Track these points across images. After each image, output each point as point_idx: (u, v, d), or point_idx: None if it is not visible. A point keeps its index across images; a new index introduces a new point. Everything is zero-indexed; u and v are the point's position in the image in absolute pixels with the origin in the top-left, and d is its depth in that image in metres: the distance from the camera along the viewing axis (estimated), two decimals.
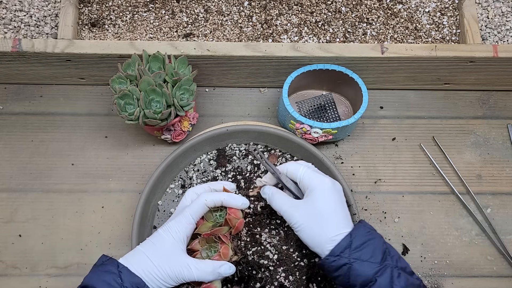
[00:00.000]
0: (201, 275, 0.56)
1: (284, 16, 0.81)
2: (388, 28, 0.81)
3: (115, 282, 0.53)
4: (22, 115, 0.80)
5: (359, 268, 0.54)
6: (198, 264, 0.57)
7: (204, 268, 0.56)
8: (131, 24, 0.80)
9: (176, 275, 0.56)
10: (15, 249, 0.73)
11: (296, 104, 0.80)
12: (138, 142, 0.79)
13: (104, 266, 0.55)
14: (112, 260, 0.56)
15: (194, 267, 0.56)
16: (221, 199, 0.60)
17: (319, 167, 0.74)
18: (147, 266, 0.55)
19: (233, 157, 0.76)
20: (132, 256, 0.57)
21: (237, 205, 0.61)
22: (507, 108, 0.82)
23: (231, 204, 0.61)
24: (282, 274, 0.65)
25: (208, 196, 0.60)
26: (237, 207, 0.61)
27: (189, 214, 0.59)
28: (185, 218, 0.59)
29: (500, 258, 0.75)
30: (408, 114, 0.82)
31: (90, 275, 0.55)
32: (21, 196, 0.76)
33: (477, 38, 0.77)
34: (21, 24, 0.78)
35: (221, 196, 0.60)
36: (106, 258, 0.57)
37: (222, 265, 0.57)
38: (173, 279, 0.56)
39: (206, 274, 0.56)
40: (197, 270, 0.56)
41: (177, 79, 0.69)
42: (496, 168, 0.79)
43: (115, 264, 0.55)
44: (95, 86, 0.82)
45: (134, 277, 0.54)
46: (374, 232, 0.58)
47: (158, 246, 0.57)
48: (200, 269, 0.56)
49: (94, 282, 0.53)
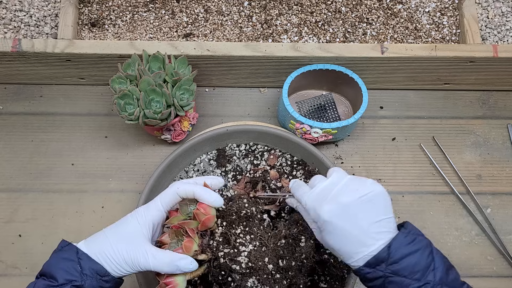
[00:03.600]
0: (157, 265, 0.53)
1: (284, 16, 0.81)
2: (388, 28, 0.81)
3: (74, 269, 0.51)
4: (22, 115, 0.80)
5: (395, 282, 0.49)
6: (157, 253, 0.53)
7: (161, 258, 0.53)
8: (131, 24, 0.80)
9: (132, 261, 0.53)
10: (15, 249, 0.73)
11: (296, 104, 0.80)
12: (138, 142, 0.79)
13: (63, 252, 0.53)
14: (71, 246, 0.53)
15: (151, 255, 0.53)
16: (193, 190, 0.56)
17: (319, 167, 0.74)
18: (105, 249, 0.53)
19: (233, 157, 0.76)
20: (93, 239, 0.54)
21: (208, 201, 0.57)
22: (507, 108, 0.82)
23: (203, 198, 0.56)
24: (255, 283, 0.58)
25: (181, 185, 0.57)
26: (208, 203, 0.57)
27: (159, 201, 0.56)
28: (154, 204, 0.56)
29: (500, 258, 0.75)
30: (408, 114, 0.82)
31: (49, 261, 0.53)
32: (21, 196, 0.76)
33: (477, 38, 0.77)
34: (21, 24, 0.78)
35: (194, 188, 0.56)
36: (66, 243, 0.54)
37: (182, 259, 0.54)
38: (129, 264, 0.53)
39: (162, 264, 0.53)
40: (154, 259, 0.53)
41: (177, 79, 0.69)
42: (496, 168, 0.79)
43: (74, 251, 0.52)
44: (95, 86, 0.82)
45: (94, 263, 0.52)
46: (418, 241, 0.50)
47: (121, 229, 0.55)
48: (157, 258, 0.53)
49: (52, 270, 0.51)
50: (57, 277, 0.50)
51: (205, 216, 0.56)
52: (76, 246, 0.53)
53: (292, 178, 0.74)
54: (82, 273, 0.51)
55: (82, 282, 0.51)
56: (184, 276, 0.55)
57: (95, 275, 0.51)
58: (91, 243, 0.54)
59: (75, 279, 0.50)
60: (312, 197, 0.54)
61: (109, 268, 0.53)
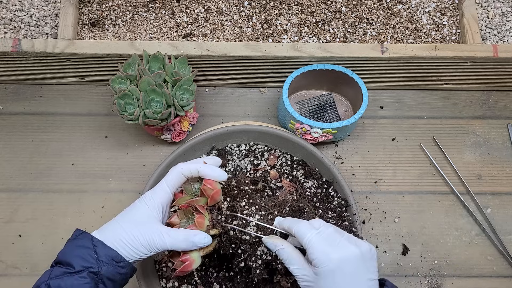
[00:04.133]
0: (173, 243, 0.54)
1: (284, 16, 0.81)
2: (388, 28, 0.81)
3: (90, 256, 0.51)
4: (22, 115, 0.80)
5: None
6: (171, 231, 0.55)
7: (176, 235, 0.54)
8: (131, 24, 0.80)
9: (148, 243, 0.54)
10: (15, 249, 0.73)
11: (296, 104, 0.80)
12: (138, 142, 0.79)
13: (78, 240, 0.53)
14: (86, 234, 0.54)
15: (166, 234, 0.54)
16: (197, 168, 0.58)
17: (319, 167, 0.74)
18: (120, 235, 0.54)
19: (233, 157, 0.76)
20: (106, 227, 0.55)
21: (214, 176, 0.58)
22: (507, 108, 0.82)
23: (208, 174, 0.58)
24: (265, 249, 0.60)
25: (184, 165, 0.58)
26: (214, 178, 0.58)
27: (164, 182, 0.57)
28: (160, 187, 0.57)
29: (500, 258, 0.75)
30: (408, 114, 0.82)
31: (64, 250, 0.53)
32: (21, 196, 0.76)
33: (477, 38, 0.77)
34: (21, 24, 0.78)
35: (197, 166, 0.58)
36: (80, 232, 0.55)
37: (196, 234, 0.55)
38: (146, 247, 0.54)
39: (178, 241, 0.54)
40: (169, 237, 0.54)
41: (177, 79, 0.69)
42: (496, 168, 0.79)
43: (89, 238, 0.53)
44: (95, 86, 0.82)
45: (109, 250, 0.52)
46: None
47: (131, 214, 0.56)
48: (173, 236, 0.54)
49: (68, 257, 0.52)
50: (74, 264, 0.51)
51: (212, 190, 0.58)
52: (90, 234, 0.54)
53: (292, 178, 0.74)
54: (98, 260, 0.52)
55: (98, 268, 0.51)
56: (198, 252, 0.57)
57: (111, 261, 0.52)
58: (105, 231, 0.55)
59: (91, 266, 0.51)
60: (323, 238, 0.51)
61: (126, 253, 0.53)
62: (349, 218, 0.71)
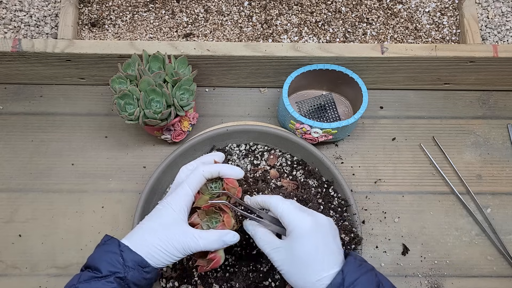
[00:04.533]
0: (207, 244, 0.56)
1: (284, 16, 0.81)
2: (388, 28, 0.81)
3: (117, 261, 0.53)
4: (22, 115, 0.80)
5: None
6: (203, 233, 0.57)
7: (209, 237, 0.56)
8: (131, 24, 0.80)
9: (182, 247, 0.56)
10: (15, 249, 0.73)
11: (296, 104, 0.80)
12: (138, 142, 0.79)
13: (106, 245, 0.55)
14: (114, 240, 0.55)
15: (199, 237, 0.56)
16: (218, 169, 0.60)
17: (319, 167, 0.74)
18: (151, 242, 0.55)
19: (233, 157, 0.76)
20: (134, 234, 0.56)
21: (234, 175, 0.60)
22: (507, 108, 0.82)
23: (228, 174, 0.60)
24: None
25: (205, 167, 0.59)
26: (234, 176, 0.60)
27: (187, 186, 0.58)
28: (183, 190, 0.58)
29: (500, 258, 0.75)
30: (408, 114, 0.82)
31: (93, 255, 0.55)
32: (21, 196, 0.76)
33: (477, 38, 0.77)
34: (21, 24, 0.78)
35: (218, 167, 0.60)
36: (108, 238, 0.56)
37: (227, 234, 0.57)
38: (180, 251, 0.56)
39: (211, 242, 0.56)
40: (203, 239, 0.56)
41: (177, 79, 0.69)
42: (496, 168, 0.79)
43: (116, 244, 0.54)
44: (95, 86, 0.82)
45: (135, 255, 0.54)
46: (365, 265, 0.55)
47: (160, 220, 0.56)
48: (206, 238, 0.56)
49: (96, 262, 0.53)
50: (101, 269, 0.52)
51: (235, 189, 0.60)
52: (118, 239, 0.55)
53: (292, 178, 0.74)
54: (124, 265, 0.53)
55: (124, 273, 0.52)
56: (222, 249, 0.59)
57: (137, 266, 0.53)
58: (133, 238, 0.56)
59: (118, 271, 0.52)
60: (294, 206, 0.56)
61: (160, 258, 0.55)
62: (349, 218, 0.71)
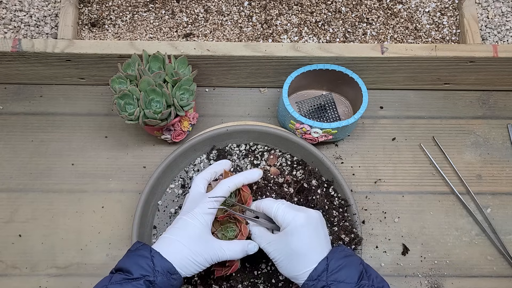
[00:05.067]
0: (233, 255, 0.61)
1: (284, 16, 0.81)
2: (388, 28, 0.81)
3: (148, 265, 0.55)
4: (22, 115, 0.80)
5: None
6: (229, 245, 0.61)
7: (234, 248, 0.61)
8: (131, 24, 0.80)
9: (211, 257, 0.59)
10: (15, 249, 0.73)
11: (296, 104, 0.80)
12: (138, 142, 0.79)
13: (138, 250, 0.57)
14: (146, 246, 0.58)
15: (227, 249, 0.60)
16: (241, 181, 0.64)
17: (319, 167, 0.74)
18: (182, 252, 0.58)
19: (233, 157, 0.76)
20: (164, 243, 0.59)
21: (256, 179, 0.66)
22: (507, 108, 0.82)
23: (251, 181, 0.65)
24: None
25: (230, 182, 0.63)
26: (255, 180, 0.65)
27: (214, 200, 0.61)
28: (210, 204, 0.61)
29: (500, 258, 0.75)
30: (408, 114, 0.82)
31: (124, 259, 0.57)
32: (21, 196, 0.76)
33: (477, 38, 0.77)
34: (21, 24, 0.78)
35: (241, 178, 0.64)
36: (140, 244, 0.59)
37: (249, 244, 0.62)
38: (208, 261, 0.59)
39: (237, 253, 0.61)
40: (230, 251, 0.60)
41: (177, 79, 0.69)
42: (496, 168, 0.79)
43: (148, 249, 0.57)
44: (95, 86, 0.82)
45: (165, 262, 0.56)
46: (351, 255, 0.59)
47: (189, 232, 0.59)
48: (232, 250, 0.60)
49: (127, 265, 0.55)
50: (133, 272, 0.55)
51: (248, 194, 0.64)
52: (150, 246, 0.58)
53: (292, 177, 0.74)
54: (154, 270, 0.55)
55: (154, 278, 0.55)
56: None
57: (166, 272, 0.56)
58: (165, 246, 0.58)
59: (148, 275, 0.55)
60: (286, 205, 0.61)
61: (190, 268, 0.58)
62: (349, 218, 0.71)
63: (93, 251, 0.73)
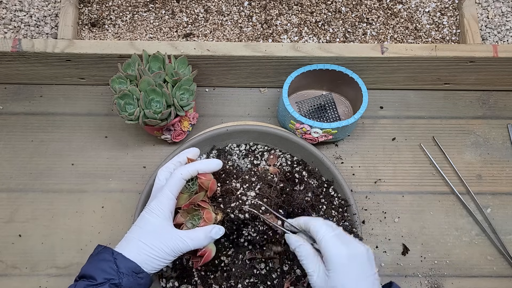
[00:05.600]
0: (196, 243, 0.58)
1: (284, 16, 0.81)
2: (388, 28, 0.81)
3: (111, 269, 0.54)
4: (22, 115, 0.80)
5: None
6: (190, 233, 0.58)
7: (196, 236, 0.58)
8: (131, 24, 0.80)
9: (172, 250, 0.57)
10: (15, 249, 0.73)
11: (296, 104, 0.80)
12: (138, 142, 0.79)
13: (100, 254, 0.56)
14: (107, 248, 0.57)
15: (187, 238, 0.58)
16: (196, 168, 0.61)
17: (319, 167, 0.74)
18: (142, 249, 0.56)
19: (233, 157, 0.76)
20: (125, 243, 0.58)
21: (212, 169, 0.62)
22: (507, 108, 0.82)
23: (207, 170, 0.62)
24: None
25: (183, 170, 0.60)
26: (212, 170, 0.62)
27: (168, 191, 0.59)
28: (165, 195, 0.59)
29: (500, 258, 0.75)
30: (408, 114, 0.82)
31: (87, 265, 0.56)
32: (21, 196, 0.76)
33: (477, 38, 0.77)
34: (21, 24, 0.78)
35: (195, 166, 0.61)
36: (101, 247, 0.58)
37: (212, 229, 0.60)
38: (170, 254, 0.57)
39: (200, 241, 0.59)
40: (191, 240, 0.58)
41: (177, 79, 0.69)
42: (496, 168, 0.79)
43: (109, 252, 0.56)
44: (95, 86, 0.82)
45: (128, 262, 0.55)
46: None
47: (147, 228, 0.58)
48: (194, 238, 0.58)
49: (91, 271, 0.54)
50: (96, 277, 0.54)
51: (209, 181, 0.61)
52: (111, 248, 0.56)
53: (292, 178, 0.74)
54: (118, 272, 0.54)
55: (119, 280, 0.54)
56: (212, 242, 0.61)
57: (131, 272, 0.55)
58: (125, 247, 0.57)
59: (112, 278, 0.54)
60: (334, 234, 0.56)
61: (153, 264, 0.56)
62: (349, 218, 0.71)
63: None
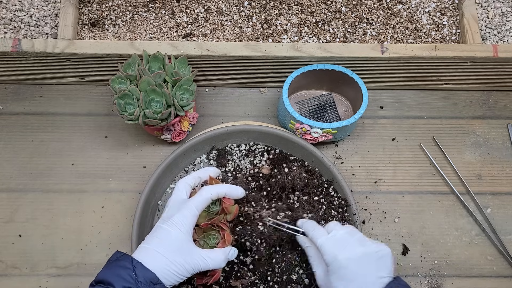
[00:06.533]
0: (215, 264, 0.59)
1: (284, 16, 0.81)
2: (388, 28, 0.81)
3: (130, 276, 0.53)
4: (22, 115, 0.80)
5: None
6: (211, 253, 0.59)
7: (217, 256, 0.60)
8: (131, 24, 0.80)
9: (192, 268, 0.58)
10: (15, 249, 0.73)
11: (296, 104, 0.80)
12: (138, 142, 0.79)
13: (119, 261, 0.55)
14: (127, 256, 0.56)
15: (208, 258, 0.59)
16: (224, 191, 0.63)
17: (319, 167, 0.74)
18: (162, 263, 0.56)
19: (233, 157, 0.76)
20: (143, 253, 0.57)
21: (238, 196, 0.64)
22: (507, 108, 0.82)
23: (233, 195, 0.64)
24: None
25: (213, 190, 0.62)
26: (237, 197, 0.64)
27: (194, 207, 0.59)
28: (191, 212, 0.59)
29: (500, 258, 0.75)
30: (408, 114, 0.82)
31: (104, 270, 0.55)
32: (21, 196, 0.76)
33: (477, 38, 0.77)
34: (21, 24, 0.78)
35: (223, 189, 0.63)
36: (121, 254, 0.57)
37: (229, 251, 0.61)
38: (189, 271, 0.58)
39: (220, 262, 0.60)
40: (212, 260, 0.59)
41: (177, 79, 0.69)
42: (496, 168, 0.79)
43: (129, 260, 0.55)
44: (95, 86, 0.82)
45: (148, 272, 0.54)
46: None
47: (168, 241, 0.57)
48: (214, 258, 0.59)
49: (108, 277, 0.53)
50: (114, 284, 0.52)
51: (233, 207, 0.65)
52: (131, 256, 0.56)
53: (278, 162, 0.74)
54: (137, 281, 0.53)
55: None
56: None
57: (149, 283, 0.54)
58: (145, 256, 0.56)
59: (130, 286, 0.53)
60: (332, 242, 0.59)
61: (171, 280, 0.56)
62: (349, 218, 0.71)
63: (93, 251, 0.73)
